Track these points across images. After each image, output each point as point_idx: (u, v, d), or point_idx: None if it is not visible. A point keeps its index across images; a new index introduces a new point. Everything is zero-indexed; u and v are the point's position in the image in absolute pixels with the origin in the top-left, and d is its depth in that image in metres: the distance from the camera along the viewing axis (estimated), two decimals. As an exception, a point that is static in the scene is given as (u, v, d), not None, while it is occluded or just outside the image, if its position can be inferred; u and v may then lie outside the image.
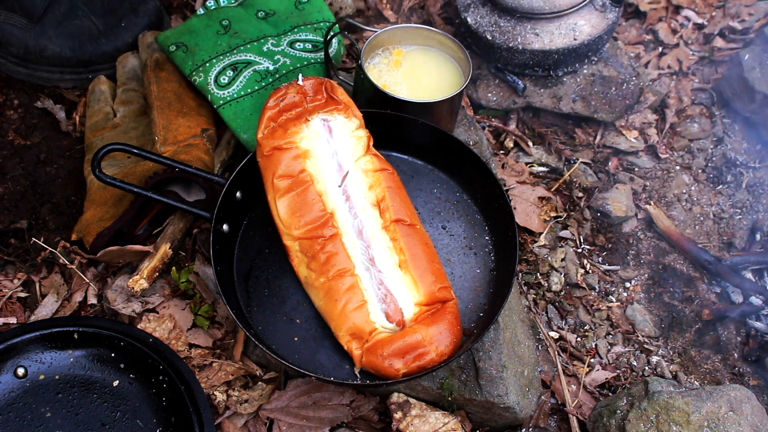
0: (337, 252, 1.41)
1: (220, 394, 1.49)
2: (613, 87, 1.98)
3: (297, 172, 1.46)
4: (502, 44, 1.91)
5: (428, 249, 1.47)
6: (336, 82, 1.56)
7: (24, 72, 1.86)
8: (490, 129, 1.99)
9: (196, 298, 1.59)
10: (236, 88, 1.69)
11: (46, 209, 1.71)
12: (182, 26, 1.79)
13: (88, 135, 1.74)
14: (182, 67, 1.72)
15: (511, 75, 1.97)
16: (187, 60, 1.72)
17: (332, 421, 1.48)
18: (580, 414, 1.56)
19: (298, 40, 1.79)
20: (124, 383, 1.45)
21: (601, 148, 1.99)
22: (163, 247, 1.56)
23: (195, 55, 1.72)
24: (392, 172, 1.51)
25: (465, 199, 1.64)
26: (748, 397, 1.42)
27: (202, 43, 1.74)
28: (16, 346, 1.43)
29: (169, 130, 1.66)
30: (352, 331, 1.38)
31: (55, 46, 1.81)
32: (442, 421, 1.46)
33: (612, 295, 1.77)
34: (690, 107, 2.08)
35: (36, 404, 1.41)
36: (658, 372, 1.66)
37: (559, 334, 1.69)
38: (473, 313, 1.50)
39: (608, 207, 1.84)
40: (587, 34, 1.90)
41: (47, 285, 1.64)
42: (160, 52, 1.77)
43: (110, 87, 1.82)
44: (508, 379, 1.49)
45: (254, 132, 1.65)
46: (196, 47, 1.73)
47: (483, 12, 1.95)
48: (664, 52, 2.17)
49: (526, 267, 1.76)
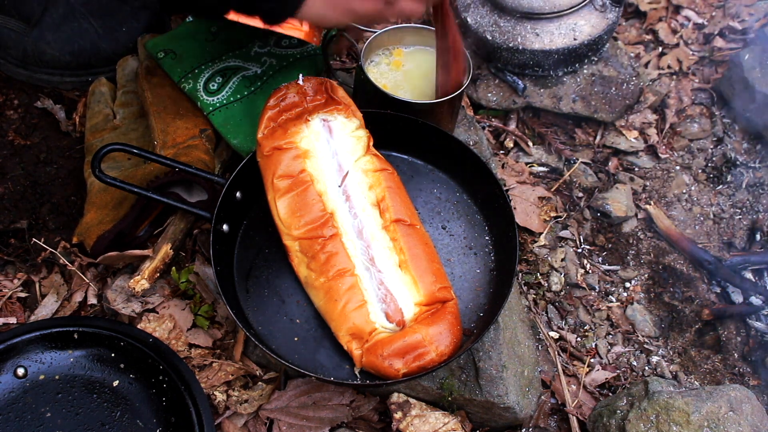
0: (337, 252, 1.41)
1: (220, 394, 1.49)
2: (613, 87, 1.98)
3: (297, 172, 1.46)
4: (502, 44, 1.91)
5: (428, 249, 1.47)
6: (336, 82, 1.56)
7: (24, 73, 1.86)
8: (490, 129, 1.99)
9: (196, 298, 1.59)
10: (225, 94, 1.69)
11: (46, 209, 1.71)
12: (171, 33, 1.80)
13: (88, 136, 1.74)
14: (171, 74, 1.72)
15: (511, 75, 1.97)
16: (175, 67, 1.72)
17: (332, 421, 1.48)
18: (580, 414, 1.56)
19: (285, 36, 1.78)
20: (124, 383, 1.45)
21: (601, 148, 1.99)
22: (164, 248, 1.56)
23: (183, 62, 1.72)
24: (392, 172, 1.51)
25: (465, 199, 1.64)
26: (748, 397, 1.42)
27: (191, 50, 1.74)
28: (16, 346, 1.43)
29: (168, 133, 1.66)
30: (352, 331, 1.38)
31: (54, 50, 1.80)
32: (442, 421, 1.47)
33: (612, 295, 1.77)
34: (690, 107, 2.08)
35: (36, 404, 1.41)
36: (658, 372, 1.66)
37: (559, 334, 1.69)
38: (473, 313, 1.50)
39: (608, 207, 1.84)
40: (587, 34, 1.90)
41: (47, 285, 1.64)
42: (149, 59, 1.77)
43: (110, 89, 1.82)
44: (508, 379, 1.49)
45: (245, 137, 1.66)
46: (184, 54, 1.73)
47: (483, 12, 1.95)
48: (664, 52, 2.17)
49: (526, 267, 1.76)
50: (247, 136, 1.66)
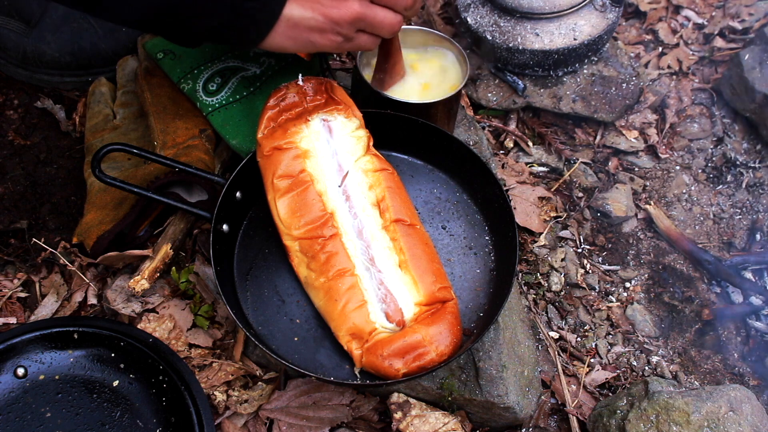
0: (337, 252, 1.41)
1: (220, 394, 1.49)
2: (613, 87, 1.98)
3: (297, 172, 1.46)
4: (502, 44, 1.91)
5: (428, 249, 1.47)
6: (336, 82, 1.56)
7: (24, 74, 1.86)
8: (490, 129, 1.99)
9: (196, 298, 1.59)
10: (224, 94, 1.69)
11: (46, 209, 1.71)
12: None
13: (88, 137, 1.74)
14: (170, 75, 1.72)
15: (511, 75, 1.97)
16: (175, 67, 1.72)
17: (332, 421, 1.48)
18: (580, 414, 1.56)
19: None
20: (124, 383, 1.45)
21: (601, 148, 1.99)
22: (164, 248, 1.56)
23: (183, 62, 1.72)
24: (392, 172, 1.51)
25: (465, 199, 1.64)
26: (748, 397, 1.42)
27: (190, 51, 1.74)
28: (16, 346, 1.43)
29: (167, 134, 1.66)
30: (352, 331, 1.38)
31: (54, 50, 1.80)
32: (442, 421, 1.47)
33: (612, 295, 1.77)
34: (690, 107, 2.08)
35: (36, 404, 1.42)
36: (658, 372, 1.66)
37: (559, 334, 1.69)
38: (473, 313, 1.50)
39: (608, 207, 1.84)
40: (587, 34, 1.90)
41: (47, 285, 1.64)
42: (148, 59, 1.77)
43: (110, 89, 1.82)
44: (508, 379, 1.49)
45: (244, 138, 1.65)
46: (183, 54, 1.73)
47: (483, 12, 1.95)
48: (664, 52, 2.17)
49: (526, 267, 1.76)
50: (246, 136, 1.66)
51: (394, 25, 1.40)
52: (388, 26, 1.39)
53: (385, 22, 1.38)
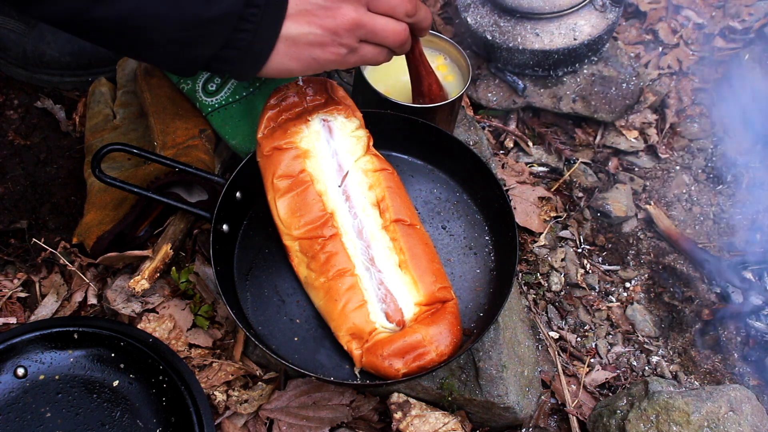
0: (337, 252, 1.41)
1: (220, 394, 1.49)
2: (613, 87, 1.98)
3: (297, 172, 1.46)
4: (502, 44, 1.91)
5: (428, 249, 1.47)
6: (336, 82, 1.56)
7: (24, 74, 1.86)
8: (490, 129, 1.99)
9: (196, 298, 1.59)
10: (224, 95, 1.69)
11: (46, 209, 1.71)
12: None
13: (88, 137, 1.74)
14: (170, 75, 1.72)
15: (511, 75, 1.97)
16: None
17: (332, 421, 1.48)
18: (580, 414, 1.56)
19: None
20: (124, 383, 1.45)
21: (601, 148, 1.99)
22: (164, 248, 1.56)
23: None
24: (392, 172, 1.51)
25: (465, 199, 1.64)
26: (748, 397, 1.42)
27: None
28: (16, 346, 1.43)
29: (167, 134, 1.66)
30: (352, 331, 1.38)
31: (54, 50, 1.80)
32: (442, 421, 1.47)
33: (612, 295, 1.77)
34: (690, 107, 2.08)
35: (36, 404, 1.41)
36: (658, 372, 1.66)
37: (559, 334, 1.69)
38: (473, 313, 1.50)
39: (608, 207, 1.84)
40: (587, 34, 1.91)
41: (47, 285, 1.64)
42: None
43: (110, 89, 1.82)
44: (508, 379, 1.49)
45: (243, 138, 1.65)
46: None
47: (483, 12, 1.95)
48: (664, 52, 2.17)
49: (526, 267, 1.76)
50: (246, 136, 1.66)
51: (399, 33, 1.33)
52: (391, 34, 1.32)
53: (388, 30, 1.31)
